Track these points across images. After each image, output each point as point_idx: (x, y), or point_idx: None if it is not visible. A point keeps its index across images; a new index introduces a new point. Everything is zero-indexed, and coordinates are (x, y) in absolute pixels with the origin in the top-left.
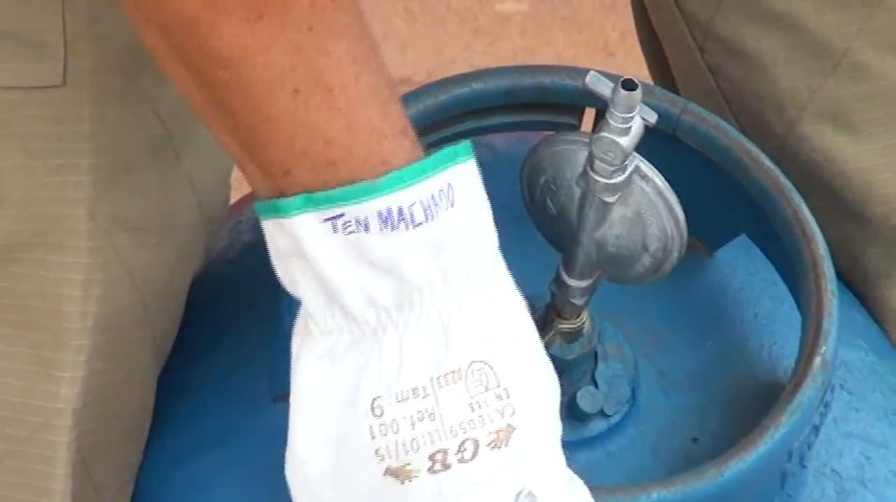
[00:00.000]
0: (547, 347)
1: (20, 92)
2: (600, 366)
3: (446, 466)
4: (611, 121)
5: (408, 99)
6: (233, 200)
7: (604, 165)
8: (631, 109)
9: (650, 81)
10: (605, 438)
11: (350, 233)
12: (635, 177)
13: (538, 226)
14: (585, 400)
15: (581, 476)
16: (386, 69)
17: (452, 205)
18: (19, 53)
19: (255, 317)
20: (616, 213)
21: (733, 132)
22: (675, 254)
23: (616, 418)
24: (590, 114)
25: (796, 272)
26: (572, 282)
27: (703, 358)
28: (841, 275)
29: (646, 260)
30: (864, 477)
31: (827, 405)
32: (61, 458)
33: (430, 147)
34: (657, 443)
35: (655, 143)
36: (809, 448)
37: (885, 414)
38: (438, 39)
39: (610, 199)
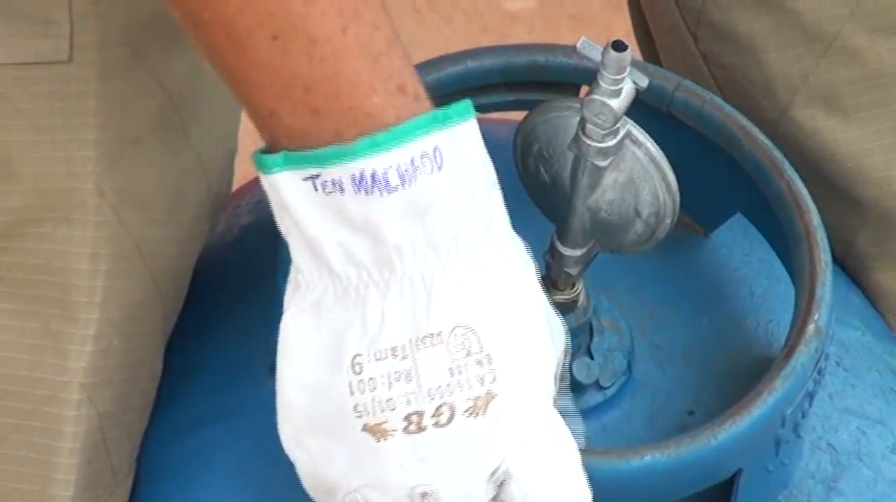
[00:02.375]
0: None
1: (27, 68)
2: (596, 338)
3: (421, 428)
4: (601, 83)
5: None
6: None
7: (595, 129)
8: (621, 70)
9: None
10: (601, 410)
11: (329, 193)
12: (627, 142)
13: (532, 196)
14: (581, 370)
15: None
16: (393, 28)
17: (440, 169)
18: (25, 30)
19: (252, 297)
20: (608, 179)
21: (727, 107)
22: (668, 221)
23: (612, 390)
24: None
25: (790, 244)
26: (566, 251)
27: (699, 333)
28: (836, 261)
29: (638, 226)
30: (861, 452)
31: (821, 372)
32: (67, 432)
33: None
34: (653, 415)
35: (650, 120)
36: (804, 416)
37: (882, 391)
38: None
39: (602, 164)
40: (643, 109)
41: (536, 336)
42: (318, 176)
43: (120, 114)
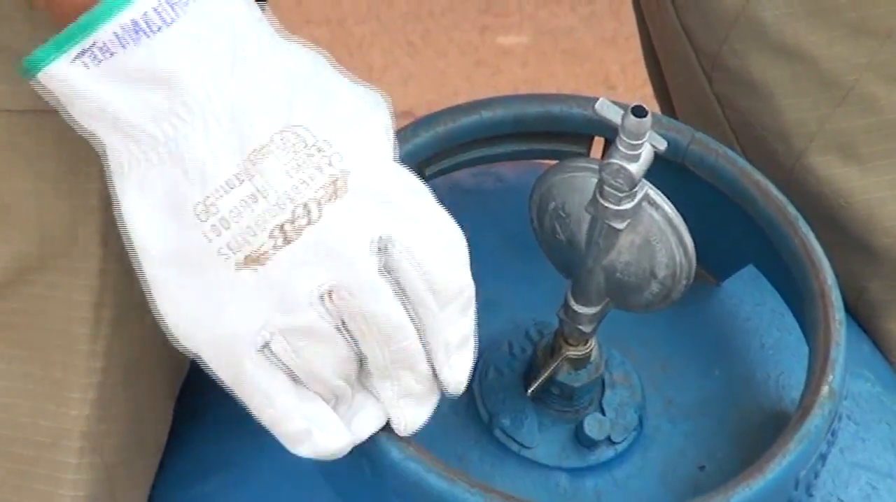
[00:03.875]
0: (554, 374)
1: (34, 115)
2: (607, 393)
3: (289, 239)
4: (620, 147)
5: (417, 127)
6: None
7: (613, 191)
8: (640, 136)
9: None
10: (613, 465)
11: (101, 62)
12: (644, 203)
13: (547, 254)
14: (592, 426)
15: None
16: None
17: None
18: None
19: None
20: (625, 240)
21: (741, 162)
22: (684, 282)
23: (623, 445)
24: (598, 143)
25: (804, 301)
26: (580, 309)
27: (711, 387)
28: (847, 308)
29: (654, 287)
30: None
31: (834, 434)
32: (68, 480)
33: (437, 176)
34: (664, 471)
35: (663, 172)
36: (816, 476)
37: (892, 444)
38: (440, 71)
39: (619, 226)
40: (657, 161)
41: (356, 108)
42: (83, 51)
43: None
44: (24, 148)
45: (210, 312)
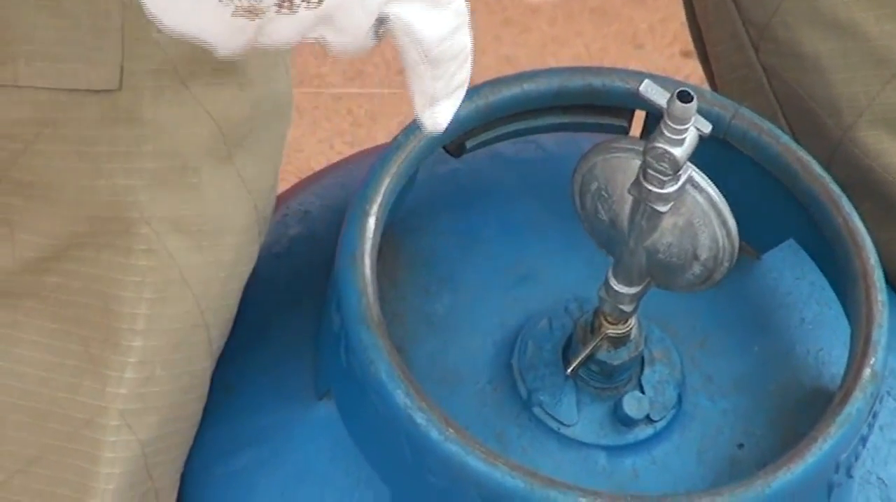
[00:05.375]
0: (594, 352)
1: (76, 94)
2: (647, 370)
3: (293, 8)
4: (665, 131)
5: None
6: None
7: (657, 175)
8: (686, 121)
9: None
10: (651, 443)
11: None
12: (688, 186)
13: (589, 232)
14: (632, 405)
15: (625, 481)
16: None
17: None
18: (77, 56)
19: (301, 312)
20: (667, 222)
21: (785, 138)
22: (726, 264)
23: (662, 423)
24: (639, 115)
25: (845, 280)
26: (621, 289)
27: (750, 363)
28: (889, 280)
29: (696, 268)
30: None
31: (875, 415)
32: (105, 457)
33: (477, 148)
34: (702, 449)
35: (706, 147)
36: (857, 459)
37: None
38: None
39: (662, 209)
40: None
41: None
42: None
43: (167, 142)
44: (64, 126)
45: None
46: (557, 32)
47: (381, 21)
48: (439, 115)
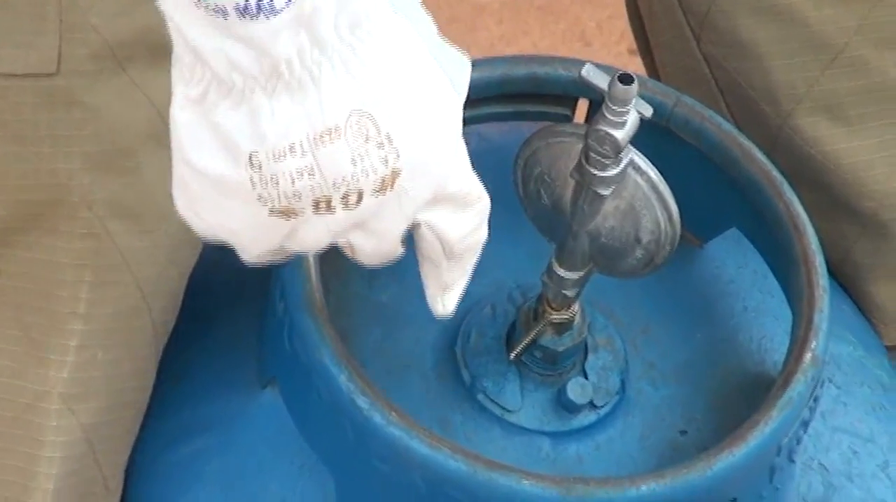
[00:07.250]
0: (537, 338)
1: (12, 79)
2: (590, 357)
3: (331, 209)
4: (606, 114)
5: None
6: None
7: (598, 158)
8: (627, 103)
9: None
10: (594, 429)
11: (212, 13)
12: (630, 170)
13: (531, 218)
14: (575, 391)
15: (569, 467)
16: None
17: None
18: (13, 41)
19: (245, 303)
20: (609, 206)
21: (726, 125)
22: (668, 248)
23: (605, 409)
24: (583, 103)
25: (787, 266)
26: (564, 274)
27: (692, 350)
28: (830, 269)
29: (638, 252)
30: (851, 472)
31: (816, 400)
32: (47, 441)
33: None
34: (645, 434)
35: (648, 135)
36: (798, 442)
37: (873, 408)
38: None
39: (604, 192)
40: (641, 123)
41: (433, 92)
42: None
43: (106, 126)
44: (2, 112)
45: (229, 228)
46: (504, 31)
47: (413, 225)
48: (450, 302)
